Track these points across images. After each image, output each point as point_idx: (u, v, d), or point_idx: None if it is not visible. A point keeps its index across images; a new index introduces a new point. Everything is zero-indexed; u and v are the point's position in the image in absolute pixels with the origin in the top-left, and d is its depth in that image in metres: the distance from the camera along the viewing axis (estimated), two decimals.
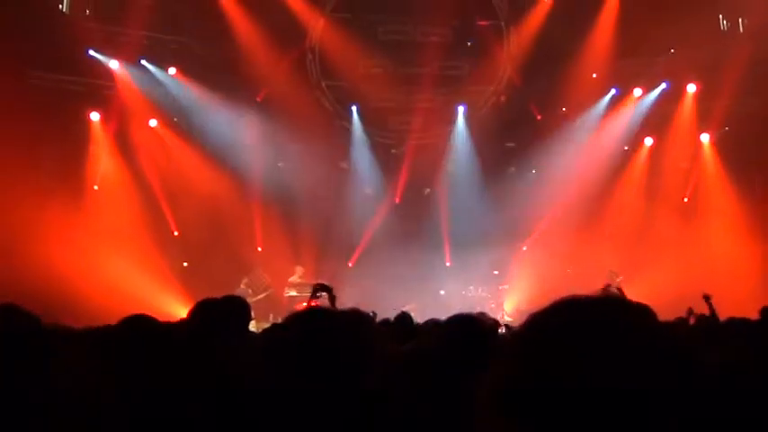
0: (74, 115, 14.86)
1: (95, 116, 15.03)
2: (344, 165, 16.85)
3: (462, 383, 2.78)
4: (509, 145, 16.72)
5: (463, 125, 16.53)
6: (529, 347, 1.27)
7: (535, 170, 16.30)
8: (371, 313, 7.63)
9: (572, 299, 1.30)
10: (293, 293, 14.88)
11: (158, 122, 15.55)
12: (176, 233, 15.58)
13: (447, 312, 4.14)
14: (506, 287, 16.20)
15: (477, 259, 15.21)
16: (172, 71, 15.41)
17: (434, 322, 5.13)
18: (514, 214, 15.38)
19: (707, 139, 15.50)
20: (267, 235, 15.92)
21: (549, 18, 15.51)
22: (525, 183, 15.91)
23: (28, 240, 12.02)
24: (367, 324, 2.46)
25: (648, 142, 15.93)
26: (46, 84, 14.25)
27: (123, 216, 14.42)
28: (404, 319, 6.00)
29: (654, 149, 15.87)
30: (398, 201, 16.67)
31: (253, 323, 9.50)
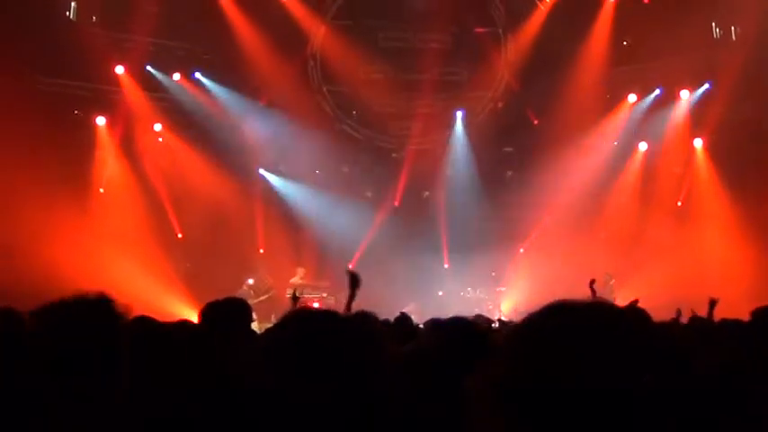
0: (80, 120, 15.14)
1: (101, 120, 15.26)
2: (345, 168, 17.08)
3: (461, 384, 2.91)
4: (506, 150, 16.95)
5: (462, 130, 16.74)
6: (522, 349, 1.31)
7: (532, 174, 16.50)
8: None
9: (563, 302, 1.34)
10: (295, 294, 15.06)
11: (163, 127, 15.76)
12: (180, 235, 15.75)
13: (446, 314, 4.35)
14: (503, 289, 16.34)
15: (475, 261, 15.36)
16: (176, 76, 15.68)
17: (433, 322, 5.19)
18: (512, 217, 15.58)
19: (700, 145, 15.73)
20: (269, 237, 16.10)
21: (546, 25, 15.73)
22: (522, 187, 16.10)
23: (35, 243, 12.11)
24: (373, 325, 2.56)
25: (643, 147, 16.16)
26: (53, 89, 14.48)
27: (128, 219, 14.56)
28: (404, 320, 6.12)
29: (648, 154, 16.10)
30: (398, 204, 16.80)
31: (255, 324, 9.73)
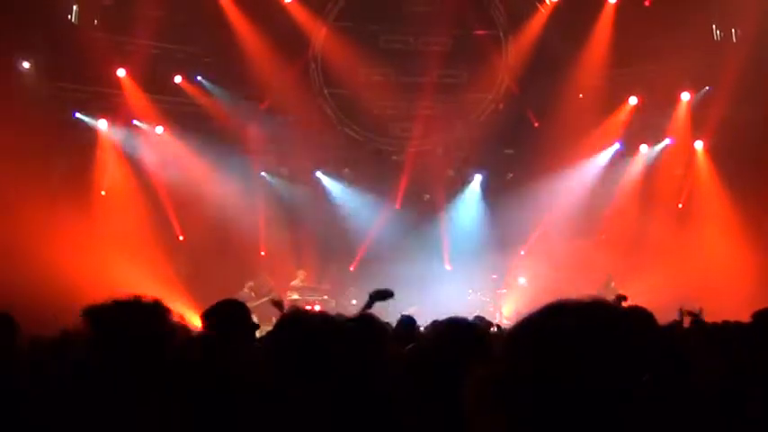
0: (82, 122, 15.17)
1: (103, 123, 15.30)
2: (346, 171, 17.11)
3: (461, 384, 2.92)
4: (507, 152, 16.97)
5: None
6: (521, 348, 1.31)
7: (533, 176, 16.51)
8: None
9: (562, 301, 1.35)
10: (296, 297, 15.12)
11: (164, 129, 15.80)
12: (181, 238, 15.79)
13: (446, 315, 4.37)
14: (505, 291, 16.37)
15: (476, 264, 15.39)
16: (178, 79, 15.71)
17: (434, 323, 5.16)
18: (513, 220, 15.61)
19: (701, 146, 15.75)
20: (270, 240, 16.15)
21: (546, 27, 15.76)
22: (523, 189, 16.10)
23: (36, 245, 12.13)
24: (375, 325, 2.57)
25: (644, 149, 16.19)
26: (55, 92, 14.53)
27: (130, 221, 14.58)
28: (408, 322, 6.13)
29: (649, 156, 16.12)
30: (399, 206, 16.79)
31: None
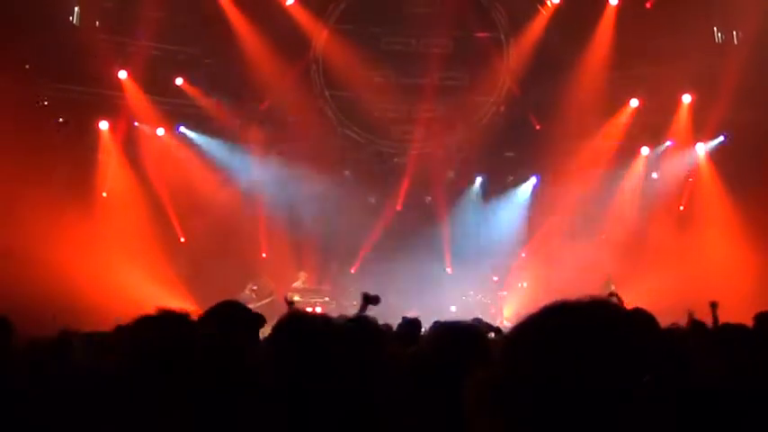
0: (83, 124, 15.19)
1: (104, 125, 15.33)
2: (347, 173, 17.12)
3: (461, 385, 2.91)
4: (508, 154, 16.98)
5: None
6: (521, 348, 1.31)
7: (534, 178, 16.55)
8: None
9: (562, 302, 1.34)
10: (296, 298, 15.11)
11: (165, 131, 15.83)
12: (183, 240, 15.80)
13: (447, 318, 4.38)
14: (506, 293, 16.39)
15: (477, 266, 15.43)
16: (179, 81, 15.72)
17: (436, 325, 5.15)
18: (514, 222, 15.62)
19: (702, 149, 15.76)
20: (271, 242, 16.17)
21: (548, 30, 15.74)
22: (524, 191, 16.12)
23: (38, 246, 12.15)
24: (373, 326, 2.58)
25: (645, 152, 16.19)
26: (56, 93, 14.57)
27: (131, 223, 14.62)
28: (413, 324, 6.13)
29: (650, 159, 16.13)
30: (400, 208, 16.81)
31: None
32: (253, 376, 2.51)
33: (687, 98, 15.44)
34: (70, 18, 15.10)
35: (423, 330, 6.15)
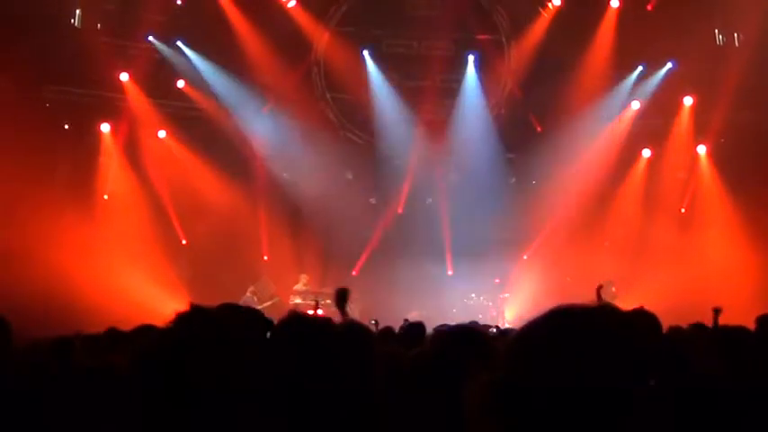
0: (85, 127, 15.22)
1: (106, 127, 15.35)
2: (349, 175, 17.12)
3: (462, 387, 2.91)
4: (510, 156, 16.98)
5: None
6: (522, 351, 1.33)
7: (535, 181, 16.53)
8: (373, 321, 7.72)
9: (564, 306, 1.35)
10: (298, 301, 15.13)
11: (167, 133, 15.83)
12: (184, 242, 15.81)
13: (449, 320, 4.39)
14: (507, 295, 16.35)
15: (478, 268, 15.37)
16: (180, 84, 15.75)
17: (438, 328, 5.13)
18: (515, 224, 15.60)
19: (703, 151, 15.75)
20: (273, 244, 16.16)
21: (549, 32, 15.75)
22: (526, 193, 16.10)
23: (40, 249, 12.20)
24: (361, 328, 2.57)
25: (646, 154, 16.18)
26: (57, 96, 14.59)
27: (133, 225, 14.64)
28: (417, 327, 6.12)
29: (652, 161, 16.12)
30: (401, 211, 16.79)
31: None
32: (252, 377, 2.48)
33: (688, 100, 15.44)
34: (72, 21, 15.12)
35: (425, 333, 6.15)
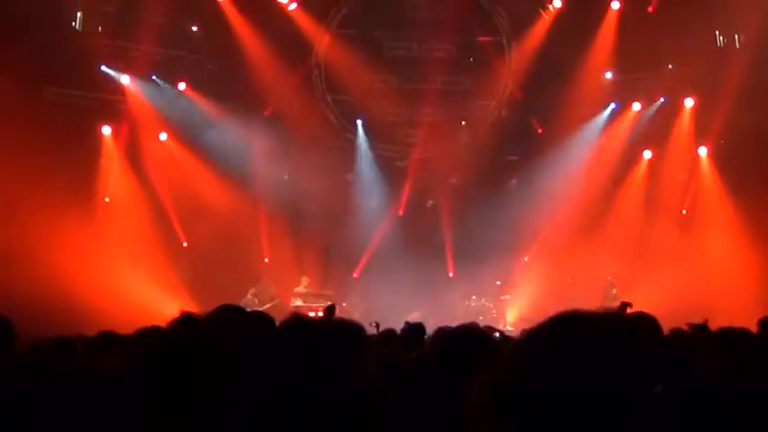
0: (86, 129, 15.21)
1: (107, 130, 15.36)
2: (349, 177, 17.13)
3: (463, 389, 2.92)
4: (511, 158, 16.99)
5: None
6: (526, 355, 1.34)
7: (536, 182, 16.52)
8: (375, 323, 7.72)
9: (571, 312, 1.37)
10: (299, 303, 15.13)
11: (168, 136, 15.83)
12: (185, 244, 15.81)
13: (450, 322, 4.37)
14: (508, 297, 16.35)
15: (479, 270, 15.36)
16: (182, 86, 15.76)
17: (439, 329, 5.09)
18: (516, 226, 15.58)
19: (704, 152, 15.74)
20: (274, 246, 16.16)
21: (550, 34, 15.77)
22: (527, 195, 16.10)
23: (41, 251, 12.19)
24: (353, 328, 2.57)
25: (647, 155, 16.17)
26: (59, 98, 14.58)
27: (134, 228, 14.62)
28: (417, 328, 6.13)
29: (653, 162, 16.11)
30: (402, 213, 16.81)
31: None
32: (252, 377, 2.49)
33: (689, 102, 15.44)
34: (73, 23, 15.13)
35: (425, 334, 6.16)
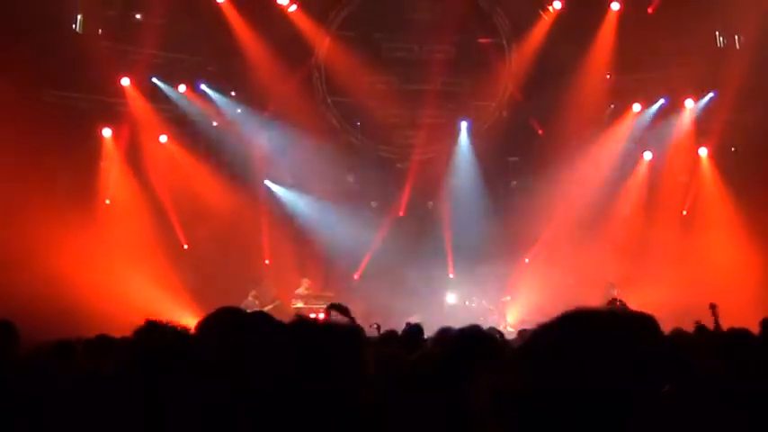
0: (86, 131, 15.22)
1: (107, 132, 15.37)
2: (350, 179, 17.14)
3: (464, 388, 2.95)
4: (511, 159, 16.99)
5: (467, 141, 16.79)
6: (533, 358, 1.33)
7: (537, 184, 16.51)
8: (375, 325, 7.72)
9: (580, 310, 1.35)
10: (300, 305, 15.14)
11: (168, 138, 15.84)
12: (186, 246, 15.78)
13: (450, 323, 4.37)
14: (509, 298, 16.33)
15: (480, 271, 15.35)
16: (182, 88, 15.76)
17: (442, 330, 5.07)
18: (517, 227, 15.58)
19: (705, 153, 15.74)
20: (274, 248, 16.17)
21: (550, 35, 15.78)
22: (527, 196, 16.10)
23: (41, 254, 12.18)
24: (354, 334, 2.57)
25: (648, 156, 16.17)
26: (59, 101, 14.58)
27: (134, 230, 14.61)
28: (416, 330, 6.15)
29: (653, 163, 16.13)
30: (402, 214, 16.81)
31: None
32: (252, 377, 2.49)
33: (690, 102, 15.44)
34: (73, 26, 15.14)
35: (424, 335, 6.16)
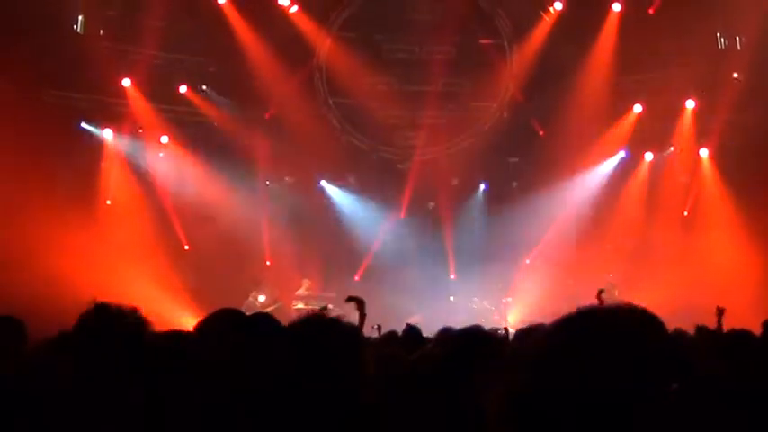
0: (87, 131, 15.24)
1: (108, 133, 15.39)
2: (351, 179, 17.14)
3: (464, 388, 2.98)
4: (512, 160, 16.99)
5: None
6: (543, 360, 1.31)
7: (538, 185, 16.51)
8: (376, 326, 7.72)
9: (587, 310, 1.33)
10: (300, 305, 15.14)
11: (169, 139, 15.85)
12: (187, 247, 15.80)
13: (451, 324, 4.37)
14: (510, 299, 16.34)
15: (480, 272, 15.36)
16: (183, 89, 15.77)
17: (443, 330, 5.06)
18: (518, 228, 15.58)
19: (706, 154, 15.74)
20: (275, 249, 16.18)
21: (551, 36, 15.77)
22: (528, 197, 16.09)
23: (42, 254, 12.18)
24: (354, 335, 2.57)
25: (649, 157, 16.17)
26: (60, 101, 14.59)
27: (135, 231, 14.61)
28: (415, 331, 6.15)
29: (654, 164, 16.11)
30: (403, 215, 16.80)
31: None
32: (252, 377, 2.50)
33: (690, 103, 15.43)
34: (74, 26, 15.14)
35: (423, 336, 6.16)
